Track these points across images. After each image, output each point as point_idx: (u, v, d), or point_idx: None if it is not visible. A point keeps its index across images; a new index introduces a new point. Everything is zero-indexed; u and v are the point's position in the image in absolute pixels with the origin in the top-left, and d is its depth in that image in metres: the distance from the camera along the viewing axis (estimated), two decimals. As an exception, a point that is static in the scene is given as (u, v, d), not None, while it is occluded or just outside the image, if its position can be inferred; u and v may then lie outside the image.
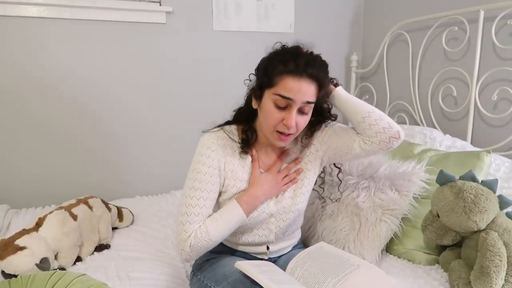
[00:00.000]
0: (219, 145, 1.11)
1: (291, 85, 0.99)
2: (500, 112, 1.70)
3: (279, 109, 1.02)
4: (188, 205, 1.07)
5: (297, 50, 1.03)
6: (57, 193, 1.86)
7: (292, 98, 1.00)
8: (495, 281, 1.04)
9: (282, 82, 1.00)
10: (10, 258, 1.17)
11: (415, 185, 1.33)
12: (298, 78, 0.99)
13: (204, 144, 1.11)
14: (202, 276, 1.12)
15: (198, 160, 1.10)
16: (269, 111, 1.03)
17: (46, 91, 1.88)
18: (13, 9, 1.77)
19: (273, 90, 1.01)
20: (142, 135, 2.10)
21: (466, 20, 1.78)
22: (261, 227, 1.16)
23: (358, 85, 2.51)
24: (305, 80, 0.99)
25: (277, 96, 1.01)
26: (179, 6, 2.05)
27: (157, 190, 2.11)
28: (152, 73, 2.06)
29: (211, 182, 1.09)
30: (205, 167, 1.09)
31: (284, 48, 1.06)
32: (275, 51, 1.06)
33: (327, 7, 2.41)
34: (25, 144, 1.88)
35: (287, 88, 0.99)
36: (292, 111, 1.01)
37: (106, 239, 1.48)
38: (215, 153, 1.10)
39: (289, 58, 1.00)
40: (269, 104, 1.03)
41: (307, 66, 0.99)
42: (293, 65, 0.98)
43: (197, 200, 1.07)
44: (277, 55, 1.03)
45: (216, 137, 1.12)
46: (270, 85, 1.02)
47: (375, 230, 1.31)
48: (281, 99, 1.00)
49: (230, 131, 1.15)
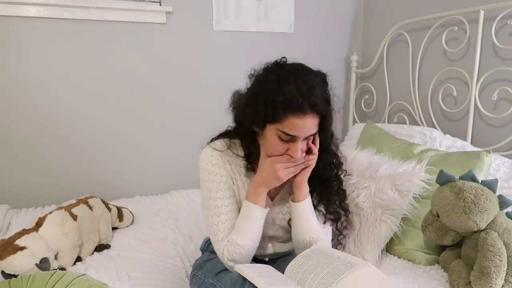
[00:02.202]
0: (223, 161, 1.08)
1: (296, 124, 0.95)
2: (500, 112, 1.70)
3: (282, 141, 0.99)
4: (215, 224, 1.06)
5: (297, 80, 0.95)
6: (57, 193, 1.86)
7: (296, 135, 0.97)
8: (495, 281, 1.04)
9: (286, 121, 0.95)
10: (10, 258, 1.17)
11: (415, 185, 1.32)
12: (302, 116, 0.94)
13: (209, 162, 1.07)
14: (203, 276, 1.12)
15: (207, 179, 1.07)
16: (272, 143, 1.00)
17: (46, 91, 1.88)
18: (13, 9, 1.77)
19: (277, 126, 0.97)
20: (142, 135, 2.10)
21: (466, 20, 1.78)
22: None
23: (358, 85, 2.51)
24: (310, 116, 0.95)
25: (281, 132, 0.97)
26: (179, 6, 2.05)
27: (157, 190, 2.11)
28: (152, 73, 2.06)
29: (226, 196, 1.07)
30: (215, 184, 1.07)
31: (283, 77, 0.96)
32: (273, 78, 0.97)
33: (327, 7, 2.40)
34: (25, 144, 1.88)
35: (292, 127, 0.95)
36: (297, 144, 0.98)
37: (106, 239, 1.48)
38: (222, 169, 1.07)
39: (292, 93, 0.93)
40: (273, 137, 0.99)
41: (310, 104, 0.94)
42: (297, 103, 0.93)
43: (218, 217, 1.06)
44: (278, 88, 0.95)
45: (220, 154, 1.08)
46: (273, 121, 0.97)
47: (375, 230, 1.31)
48: (285, 136, 0.97)
49: (234, 145, 1.10)
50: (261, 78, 1.01)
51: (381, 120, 2.27)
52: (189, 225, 1.66)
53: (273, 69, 1.01)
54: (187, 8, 2.07)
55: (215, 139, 1.12)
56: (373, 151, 1.55)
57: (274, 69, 1.00)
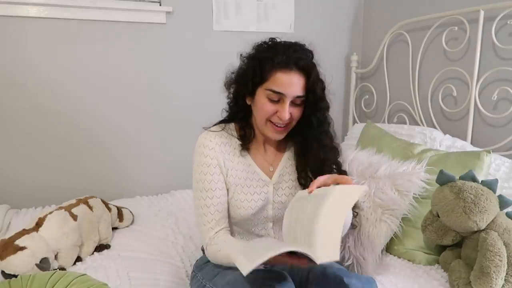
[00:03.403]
0: (216, 143, 1.11)
1: (282, 79, 1.01)
2: (500, 112, 1.70)
3: (272, 102, 1.04)
4: (202, 206, 1.08)
5: (285, 45, 1.05)
6: (57, 193, 1.86)
7: (283, 92, 1.01)
8: (495, 281, 1.04)
9: (273, 77, 1.02)
10: (10, 258, 1.17)
11: (415, 185, 1.32)
12: (288, 71, 1.01)
13: (202, 144, 1.10)
14: (202, 278, 1.12)
15: (198, 161, 1.10)
16: (262, 105, 1.04)
17: (46, 91, 1.87)
18: (13, 9, 1.77)
19: (265, 86, 1.03)
20: (142, 135, 2.10)
21: (466, 20, 1.78)
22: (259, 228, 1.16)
23: (358, 85, 2.51)
24: (295, 72, 1.01)
25: (269, 91, 1.02)
26: (179, 6, 2.05)
27: (157, 190, 2.11)
28: (152, 73, 2.06)
29: (214, 180, 1.09)
30: (205, 167, 1.09)
31: (273, 45, 1.07)
32: (264, 47, 1.08)
33: (327, 7, 2.41)
34: (25, 144, 1.88)
35: (278, 83, 1.01)
36: (285, 104, 1.03)
37: (106, 239, 1.48)
38: (213, 152, 1.10)
39: (278, 52, 1.02)
40: (263, 99, 1.04)
41: (295, 59, 1.01)
42: (282, 58, 1.01)
43: (207, 200, 1.08)
44: (267, 51, 1.05)
45: (214, 135, 1.11)
46: (261, 82, 1.03)
47: (375, 230, 1.31)
48: (273, 94, 1.02)
49: (229, 128, 1.15)
50: (252, 50, 1.11)
51: (381, 120, 2.27)
52: (189, 225, 1.66)
53: (263, 40, 1.11)
54: (187, 8, 2.07)
55: (212, 126, 1.17)
56: (373, 151, 1.55)
57: (264, 40, 1.10)
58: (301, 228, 0.89)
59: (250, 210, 1.11)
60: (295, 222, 0.92)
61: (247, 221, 1.14)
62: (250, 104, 1.10)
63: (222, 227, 1.09)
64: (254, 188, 1.12)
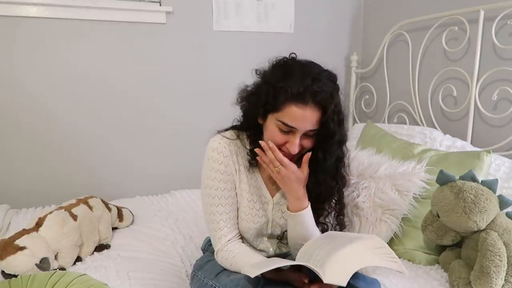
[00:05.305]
0: (231, 151, 1.06)
1: (296, 113, 0.93)
2: (500, 112, 1.70)
3: (282, 133, 0.98)
4: (214, 213, 1.07)
5: (302, 71, 0.95)
6: (57, 193, 1.86)
7: (295, 126, 0.95)
8: (495, 281, 1.04)
9: (286, 109, 0.94)
10: (10, 258, 1.17)
11: (415, 185, 1.32)
12: (303, 106, 0.93)
13: (216, 149, 1.06)
14: (203, 276, 1.12)
15: (211, 166, 1.06)
16: (272, 132, 0.99)
17: (46, 91, 1.88)
18: (13, 9, 1.77)
19: (276, 116, 0.96)
20: (142, 135, 2.10)
21: (466, 20, 1.78)
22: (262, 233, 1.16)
23: (358, 85, 2.51)
24: (310, 107, 0.94)
25: (280, 122, 0.96)
26: (179, 6, 2.05)
27: (157, 190, 2.11)
28: (152, 73, 2.06)
29: (227, 188, 1.07)
30: (219, 174, 1.06)
31: (289, 68, 0.97)
32: (279, 69, 0.98)
33: (327, 7, 2.40)
34: (25, 144, 1.88)
35: (291, 116, 0.94)
36: (296, 138, 0.97)
37: (106, 239, 1.48)
38: (228, 159, 1.06)
39: (295, 82, 0.92)
40: (273, 127, 0.98)
41: (312, 93, 0.92)
42: (297, 91, 0.92)
43: (219, 207, 1.06)
44: (282, 77, 0.95)
45: (229, 142, 1.07)
46: (273, 110, 0.96)
47: (375, 230, 1.31)
48: (284, 126, 0.96)
49: (243, 138, 1.10)
50: (268, 70, 1.02)
51: (381, 120, 2.27)
52: (189, 225, 1.66)
53: (280, 62, 1.01)
54: (187, 8, 2.07)
55: (225, 130, 1.12)
56: (373, 151, 1.55)
57: (281, 62, 1.01)
58: (320, 252, 0.89)
59: (253, 224, 1.11)
60: (315, 247, 0.93)
61: (246, 234, 1.13)
62: (261, 123, 1.04)
63: (233, 234, 1.09)
64: (259, 204, 1.11)
